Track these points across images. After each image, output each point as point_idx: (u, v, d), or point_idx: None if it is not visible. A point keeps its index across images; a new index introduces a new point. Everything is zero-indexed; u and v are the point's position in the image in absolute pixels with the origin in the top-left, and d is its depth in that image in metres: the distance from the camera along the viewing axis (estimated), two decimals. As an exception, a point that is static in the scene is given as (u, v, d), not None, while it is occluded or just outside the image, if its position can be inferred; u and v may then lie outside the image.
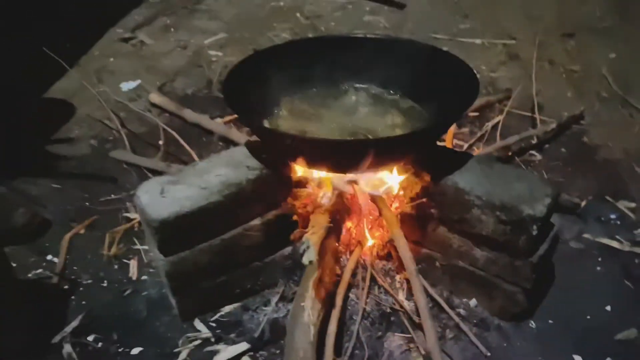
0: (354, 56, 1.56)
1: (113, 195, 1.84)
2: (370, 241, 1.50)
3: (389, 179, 1.45)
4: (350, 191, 1.48)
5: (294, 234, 1.39)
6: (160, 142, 2.06)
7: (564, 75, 2.48)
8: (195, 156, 1.92)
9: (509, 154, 1.95)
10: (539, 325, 1.37)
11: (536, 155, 1.98)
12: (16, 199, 1.69)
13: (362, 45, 1.58)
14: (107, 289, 1.52)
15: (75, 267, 1.58)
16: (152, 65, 2.69)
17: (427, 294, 1.33)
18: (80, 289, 1.52)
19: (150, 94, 2.34)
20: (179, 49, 2.84)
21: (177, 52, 2.81)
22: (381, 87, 1.56)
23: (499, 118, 2.11)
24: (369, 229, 1.50)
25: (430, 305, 1.35)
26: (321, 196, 1.45)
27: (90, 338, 1.37)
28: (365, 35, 1.69)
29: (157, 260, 1.34)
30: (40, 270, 1.58)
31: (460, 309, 1.39)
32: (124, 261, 1.59)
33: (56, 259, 1.60)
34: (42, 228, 1.70)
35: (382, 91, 1.56)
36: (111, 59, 2.76)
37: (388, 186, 1.45)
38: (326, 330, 1.25)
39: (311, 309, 1.23)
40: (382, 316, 1.37)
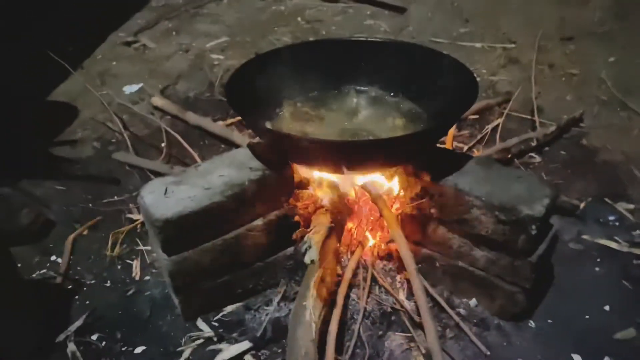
0: (354, 59, 1.58)
1: (116, 196, 1.85)
2: (371, 242, 1.51)
3: (390, 180, 1.47)
4: (351, 192, 1.50)
5: (296, 234, 1.40)
6: (163, 144, 2.07)
7: (563, 79, 2.49)
8: (197, 158, 1.94)
9: (508, 157, 1.96)
10: (539, 325, 1.37)
11: (536, 158, 1.99)
12: (21, 199, 1.71)
13: (363, 48, 1.60)
14: (110, 289, 1.53)
15: (78, 268, 1.60)
16: (155, 69, 2.71)
17: (427, 293, 1.33)
18: (84, 289, 1.53)
19: (152, 96, 2.36)
20: (181, 52, 2.87)
21: (179, 56, 2.84)
22: (382, 89, 1.58)
23: (498, 121, 2.12)
24: (370, 229, 1.51)
25: (431, 305, 1.36)
26: (322, 197, 1.46)
27: (94, 337, 1.38)
28: (366, 38, 1.70)
29: (161, 260, 1.35)
30: (45, 270, 1.59)
31: (461, 308, 1.40)
32: (127, 262, 1.61)
33: (60, 259, 1.62)
34: (46, 229, 1.72)
35: (383, 94, 1.58)
36: (114, 62, 2.79)
37: (389, 187, 1.47)
38: (327, 329, 1.25)
39: (313, 308, 1.23)
40: (382, 315, 1.38)
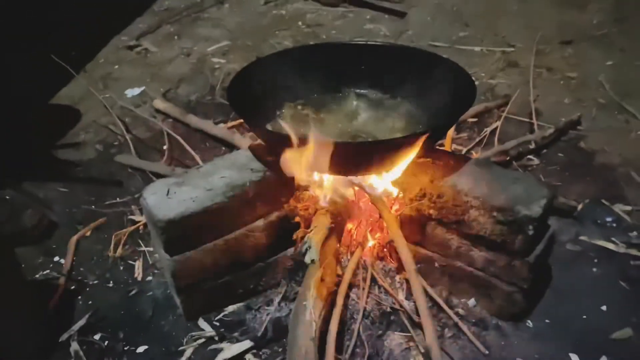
0: (354, 63, 1.60)
1: (118, 198, 1.87)
2: (370, 242, 1.52)
3: (389, 181, 1.48)
4: (351, 193, 1.51)
5: (296, 234, 1.41)
6: (165, 147, 2.09)
7: (561, 82, 2.51)
8: (199, 160, 1.96)
9: (507, 159, 1.97)
10: (537, 325, 1.38)
11: (534, 160, 2.00)
12: (24, 201, 1.73)
13: (363, 52, 1.62)
14: (113, 290, 1.54)
15: (81, 268, 1.62)
16: (157, 72, 2.73)
17: (426, 293, 1.34)
18: (87, 289, 1.55)
19: (154, 100, 2.38)
20: (182, 56, 2.90)
21: (180, 60, 2.86)
22: (381, 92, 1.60)
23: (497, 124, 2.13)
24: (370, 230, 1.53)
25: (430, 305, 1.36)
26: (322, 198, 1.48)
27: (97, 337, 1.40)
28: (366, 42, 1.72)
29: (163, 260, 1.37)
30: (48, 271, 1.61)
31: (459, 308, 1.41)
32: (129, 262, 1.62)
33: (63, 260, 1.63)
34: (49, 230, 1.74)
35: (382, 96, 1.59)
36: (116, 66, 2.82)
37: (388, 188, 1.48)
38: (327, 329, 1.26)
39: (313, 308, 1.24)
40: (382, 315, 1.38)
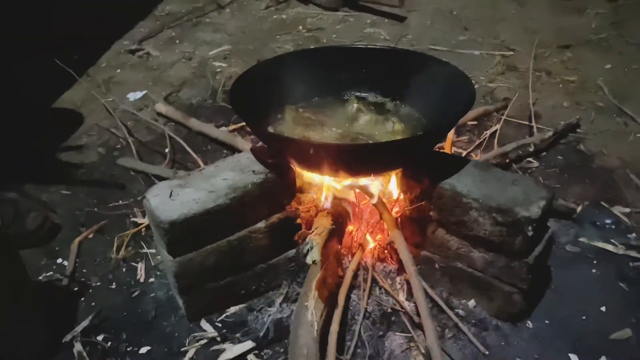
0: (355, 66, 1.62)
1: (121, 201, 1.88)
2: (371, 244, 1.54)
3: (389, 183, 1.50)
4: (351, 195, 1.52)
5: (298, 235, 1.42)
6: (167, 150, 2.11)
7: (560, 86, 2.53)
8: (201, 163, 1.97)
9: (506, 161, 1.99)
10: (536, 325, 1.39)
11: (533, 163, 2.01)
12: (28, 204, 1.74)
13: (363, 55, 1.63)
14: (115, 291, 1.56)
15: (84, 270, 1.63)
16: (158, 76, 2.75)
17: (426, 294, 1.35)
18: (90, 290, 1.56)
19: (156, 103, 2.40)
20: (184, 60, 2.91)
21: (182, 64, 2.88)
22: (381, 95, 1.61)
23: (496, 127, 2.15)
24: (370, 232, 1.54)
25: (430, 306, 1.37)
26: (324, 200, 1.49)
27: (100, 338, 1.41)
28: (367, 46, 1.74)
29: (166, 262, 1.38)
30: (51, 272, 1.62)
31: (459, 309, 1.42)
32: (132, 264, 1.63)
33: (66, 262, 1.64)
34: (53, 232, 1.75)
35: (382, 100, 1.61)
36: (118, 70, 2.84)
37: (388, 190, 1.50)
38: (329, 330, 1.27)
39: (314, 308, 1.25)
40: (383, 316, 1.40)
